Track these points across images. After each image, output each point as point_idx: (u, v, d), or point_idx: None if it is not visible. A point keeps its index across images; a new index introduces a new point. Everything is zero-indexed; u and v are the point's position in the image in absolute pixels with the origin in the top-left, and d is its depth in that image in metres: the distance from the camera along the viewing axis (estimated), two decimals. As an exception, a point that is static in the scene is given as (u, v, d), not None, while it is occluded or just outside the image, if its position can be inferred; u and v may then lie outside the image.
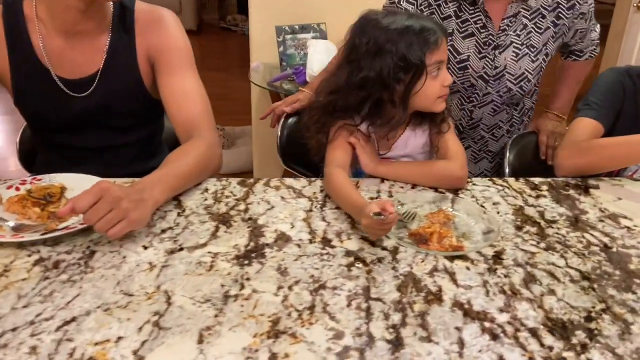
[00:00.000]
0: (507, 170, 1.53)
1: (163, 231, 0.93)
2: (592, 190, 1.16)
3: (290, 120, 1.55)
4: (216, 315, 0.73)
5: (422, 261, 0.87)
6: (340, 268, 0.85)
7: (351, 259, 0.87)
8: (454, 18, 1.45)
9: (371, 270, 0.84)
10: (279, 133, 1.57)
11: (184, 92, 1.18)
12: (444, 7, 1.45)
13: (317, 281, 0.81)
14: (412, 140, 1.21)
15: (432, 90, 1.09)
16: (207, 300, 0.76)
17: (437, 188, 1.13)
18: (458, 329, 0.72)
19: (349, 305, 0.76)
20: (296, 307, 0.75)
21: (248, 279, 0.81)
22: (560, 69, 1.66)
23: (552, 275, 0.85)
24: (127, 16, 1.18)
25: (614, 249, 0.94)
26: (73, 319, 0.71)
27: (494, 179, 1.19)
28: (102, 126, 1.22)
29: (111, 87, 1.18)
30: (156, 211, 0.98)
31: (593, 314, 0.77)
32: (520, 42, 1.44)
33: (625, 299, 0.80)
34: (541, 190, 1.15)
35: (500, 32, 1.43)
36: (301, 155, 1.35)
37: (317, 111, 1.18)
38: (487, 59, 1.45)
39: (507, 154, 1.55)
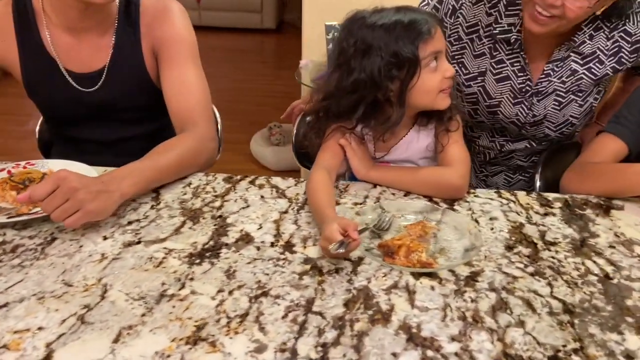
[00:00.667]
0: (538, 184, 1.38)
1: (130, 223, 0.92)
2: (613, 212, 1.02)
3: (308, 118, 1.51)
4: (143, 315, 0.70)
5: (384, 276, 0.80)
6: (292, 276, 0.80)
7: (307, 267, 0.82)
8: (488, 57, 1.27)
9: (323, 281, 0.79)
10: (295, 131, 1.53)
11: (182, 84, 1.18)
12: (477, 44, 1.28)
13: (262, 288, 0.77)
14: (414, 143, 1.13)
15: (432, 83, 1.01)
16: (141, 297, 0.74)
17: (433, 197, 1.04)
18: (395, 355, 0.65)
19: (284, 316, 0.71)
20: (229, 313, 0.71)
21: (192, 279, 0.78)
22: (621, 79, 1.44)
23: (528, 304, 0.75)
24: (133, 10, 1.18)
25: (615, 281, 0.81)
26: (5, 305, 0.71)
27: (502, 191, 1.08)
28: (112, 119, 1.25)
29: (118, 82, 1.20)
30: (131, 202, 0.98)
31: (561, 354, 0.66)
32: (565, 89, 1.24)
33: (606, 340, 0.69)
34: (552, 207, 1.03)
35: (542, 77, 1.24)
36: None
37: (314, 117, 1.13)
38: (522, 105, 1.27)
39: (540, 167, 1.41)
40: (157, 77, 1.22)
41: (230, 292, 0.75)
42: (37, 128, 1.44)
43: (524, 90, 1.26)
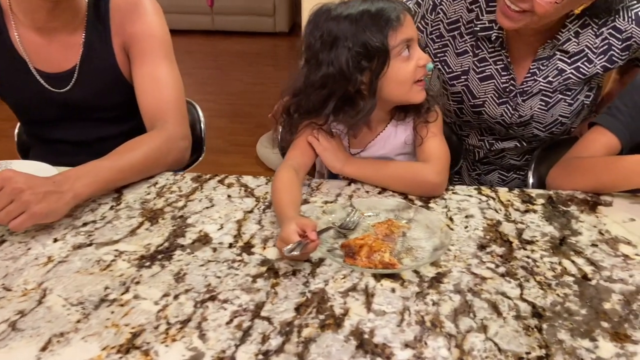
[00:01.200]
0: (531, 180, 1.32)
1: (84, 224, 0.89)
2: (600, 208, 0.96)
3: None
4: (79, 321, 0.66)
5: (344, 278, 0.76)
6: (245, 278, 0.75)
7: (263, 269, 0.78)
8: (470, 55, 1.21)
9: (278, 284, 0.74)
10: (280, 130, 1.49)
11: (153, 81, 1.14)
12: (459, 41, 1.22)
13: (211, 291, 0.72)
14: (392, 139, 1.08)
15: (405, 73, 0.95)
16: (80, 303, 0.70)
17: (409, 194, 0.99)
18: (341, 363, 0.60)
19: (229, 322, 0.67)
20: (170, 319, 0.67)
21: (138, 282, 0.74)
22: (618, 71, 1.35)
23: (494, 307, 0.70)
24: (102, 7, 1.15)
25: (593, 282, 0.75)
26: (-63, 311, 0.68)
27: (482, 187, 1.03)
28: (86, 119, 1.22)
29: (90, 81, 1.16)
30: (90, 203, 0.94)
31: (523, 363, 0.61)
32: (552, 89, 1.17)
33: (576, 347, 0.63)
34: (534, 204, 0.97)
35: (528, 76, 1.18)
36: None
37: (285, 114, 1.08)
38: (507, 105, 1.21)
39: (534, 164, 1.34)
40: (130, 74, 1.19)
41: (176, 297, 0.71)
42: (16, 130, 1.42)
43: (508, 89, 1.20)
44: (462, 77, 1.24)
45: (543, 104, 1.19)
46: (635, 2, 1.10)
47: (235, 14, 6.19)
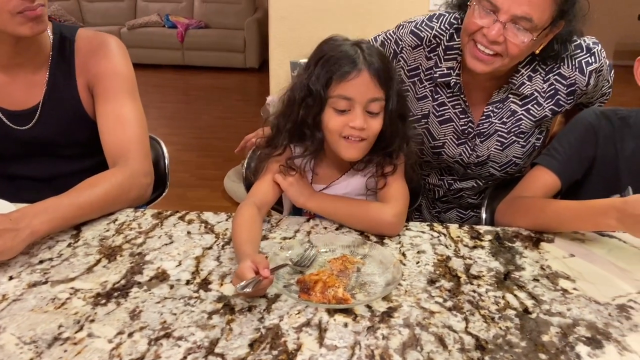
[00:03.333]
0: (484, 216, 1.38)
1: (41, 262, 0.89)
2: (543, 244, 1.02)
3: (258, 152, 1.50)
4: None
5: (298, 313, 0.78)
6: (201, 315, 0.77)
7: (219, 305, 0.79)
8: (430, 99, 1.28)
9: (233, 320, 0.76)
10: (245, 165, 1.52)
11: (117, 118, 1.16)
12: (419, 86, 1.29)
13: (166, 329, 0.73)
14: (354, 181, 1.12)
15: (333, 125, 0.99)
16: (33, 342, 0.70)
17: (366, 232, 1.02)
18: (291, 398, 0.62)
19: (182, 359, 0.68)
20: (123, 357, 0.68)
21: (93, 320, 0.75)
22: (564, 114, 1.42)
23: (440, 340, 0.73)
24: (67, 46, 1.18)
25: (534, 315, 0.80)
26: None
27: (434, 224, 1.07)
28: (49, 155, 1.22)
29: (53, 119, 1.17)
30: (47, 240, 0.95)
31: (465, 394, 0.64)
32: (507, 130, 1.25)
33: (514, 378, 0.67)
34: (482, 240, 1.02)
35: (483, 118, 1.25)
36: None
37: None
38: (466, 146, 1.28)
39: (486, 201, 1.40)
40: (94, 112, 1.20)
41: (130, 334, 0.72)
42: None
43: (466, 131, 1.27)
44: (423, 120, 1.30)
45: (499, 144, 1.26)
46: (579, 51, 1.19)
47: (206, 49, 6.27)
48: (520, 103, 1.23)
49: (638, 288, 0.87)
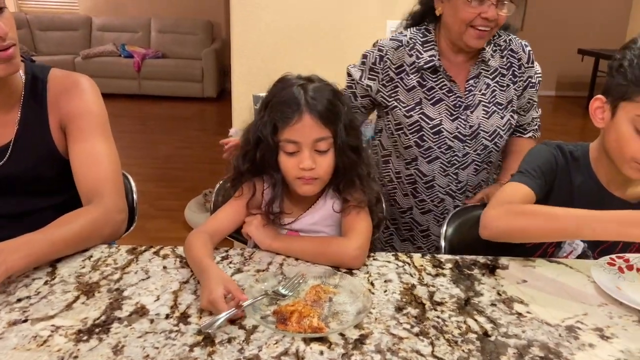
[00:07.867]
0: (443, 244, 1.47)
1: (19, 300, 0.90)
2: (498, 271, 1.10)
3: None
4: (17, 398, 0.68)
5: (276, 343, 0.82)
6: (183, 348, 0.80)
7: (200, 337, 0.82)
8: (419, 88, 1.48)
9: (214, 352, 0.79)
10: (214, 198, 1.55)
11: (90, 156, 1.18)
12: (407, 79, 1.49)
13: (150, 362, 0.76)
14: (322, 211, 1.18)
15: (285, 168, 1.06)
16: (18, 379, 0.71)
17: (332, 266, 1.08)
18: None
19: (169, 391, 0.71)
20: (110, 391, 0.70)
21: (76, 357, 0.76)
22: (507, 144, 1.62)
23: (410, 364, 0.79)
24: (39, 87, 1.20)
25: (493, 338, 0.87)
26: None
27: (399, 254, 1.14)
28: (18, 192, 1.22)
29: (24, 157, 1.18)
30: (23, 278, 0.95)
31: (434, 413, 0.70)
32: (487, 100, 1.49)
33: (478, 396, 0.73)
34: (443, 269, 1.09)
35: (467, 92, 1.48)
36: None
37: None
38: (460, 119, 1.48)
39: (445, 229, 1.49)
40: (66, 150, 1.22)
41: (116, 369, 0.74)
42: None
43: (457, 105, 1.47)
44: (417, 107, 1.48)
45: (484, 113, 1.49)
46: (517, 37, 1.54)
47: (163, 79, 6.27)
48: (490, 77, 1.50)
49: (584, 310, 0.96)
